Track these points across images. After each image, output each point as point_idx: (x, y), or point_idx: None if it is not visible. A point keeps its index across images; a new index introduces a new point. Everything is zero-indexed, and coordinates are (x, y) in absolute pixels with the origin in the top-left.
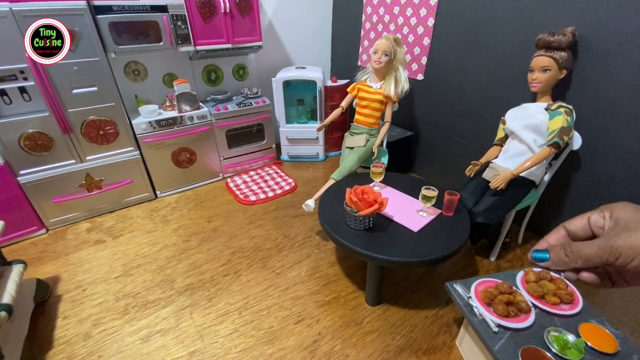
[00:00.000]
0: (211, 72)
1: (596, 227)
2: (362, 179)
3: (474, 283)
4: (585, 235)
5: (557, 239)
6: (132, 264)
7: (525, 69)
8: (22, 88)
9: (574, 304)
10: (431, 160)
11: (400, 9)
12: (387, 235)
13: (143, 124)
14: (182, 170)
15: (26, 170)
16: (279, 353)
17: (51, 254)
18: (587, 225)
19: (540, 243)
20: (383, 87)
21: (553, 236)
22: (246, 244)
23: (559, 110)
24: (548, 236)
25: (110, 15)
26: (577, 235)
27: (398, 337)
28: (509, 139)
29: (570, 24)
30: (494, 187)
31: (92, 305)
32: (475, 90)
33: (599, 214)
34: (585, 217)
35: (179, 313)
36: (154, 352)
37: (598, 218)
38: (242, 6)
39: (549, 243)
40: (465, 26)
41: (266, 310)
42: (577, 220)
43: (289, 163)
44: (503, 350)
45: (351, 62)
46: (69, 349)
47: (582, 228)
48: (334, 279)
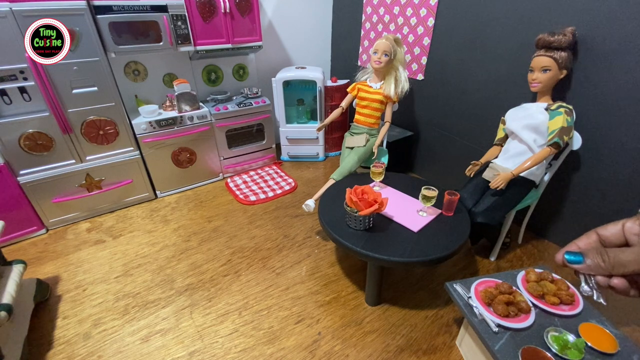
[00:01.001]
0: (211, 72)
1: (630, 234)
2: (362, 179)
3: (474, 283)
4: (618, 241)
5: (587, 243)
6: (132, 264)
7: (525, 69)
8: (22, 88)
9: (574, 304)
10: (431, 160)
11: (400, 9)
12: (387, 235)
13: (143, 124)
14: (182, 170)
15: (26, 170)
16: (279, 353)
17: (51, 254)
18: (620, 231)
19: (570, 246)
20: (383, 87)
21: (584, 240)
22: (246, 244)
23: (559, 110)
24: (578, 240)
25: (110, 15)
26: (609, 241)
27: (398, 337)
28: (509, 139)
29: (570, 24)
30: (494, 187)
31: (92, 305)
32: (475, 90)
33: (635, 221)
34: (620, 223)
35: (179, 313)
36: (154, 352)
37: (633, 225)
38: (242, 6)
39: (579, 247)
40: (465, 26)
41: (266, 310)
42: (611, 227)
43: (289, 163)
44: (503, 350)
45: (351, 62)
46: (69, 349)
47: (616, 234)
48: (334, 279)
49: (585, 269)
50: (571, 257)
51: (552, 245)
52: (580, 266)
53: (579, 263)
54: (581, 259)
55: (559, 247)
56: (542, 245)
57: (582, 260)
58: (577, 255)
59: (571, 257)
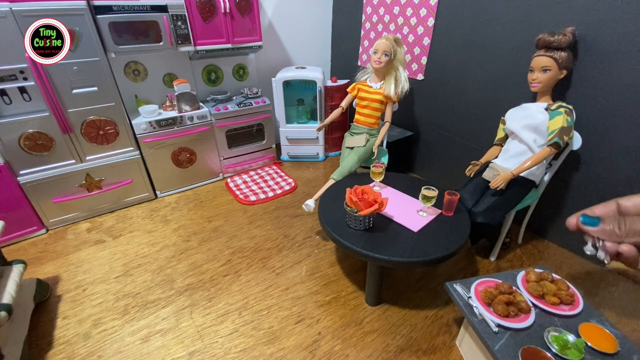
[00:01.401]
0: (211, 72)
1: None
2: (362, 179)
3: (474, 283)
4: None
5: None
6: (132, 264)
7: (525, 69)
8: (22, 88)
9: (574, 305)
10: (431, 160)
11: (400, 9)
12: (387, 235)
13: (143, 124)
14: (182, 170)
15: (26, 170)
16: (279, 353)
17: (51, 254)
18: None
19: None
20: (383, 87)
21: (601, 208)
22: (246, 244)
23: (559, 110)
24: (595, 207)
25: (110, 15)
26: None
27: (398, 337)
28: (509, 139)
29: (570, 24)
30: (494, 187)
31: (92, 305)
32: (475, 90)
33: None
34: None
35: (179, 313)
36: (154, 352)
37: None
38: (242, 6)
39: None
40: (465, 26)
41: (266, 310)
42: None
43: (289, 163)
44: (503, 350)
45: (351, 62)
46: (69, 349)
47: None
48: (334, 279)
49: (599, 233)
50: (587, 220)
51: (552, 245)
52: (594, 229)
53: (593, 226)
54: (597, 223)
55: (559, 247)
56: (542, 245)
57: (598, 224)
58: (593, 219)
59: (587, 220)
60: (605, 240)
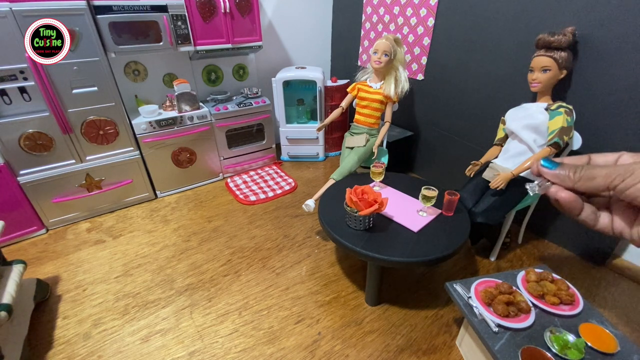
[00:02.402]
0: (211, 72)
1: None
2: (362, 179)
3: (474, 283)
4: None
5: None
6: (132, 264)
7: (525, 69)
8: (22, 88)
9: (574, 305)
10: (431, 160)
11: (400, 9)
12: (387, 235)
13: (143, 124)
14: (182, 170)
15: (26, 170)
16: (279, 353)
17: (51, 254)
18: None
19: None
20: (383, 87)
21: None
22: (246, 244)
23: (559, 110)
24: (567, 157)
25: (110, 15)
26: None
27: (398, 337)
28: (509, 139)
29: (570, 24)
30: (494, 187)
31: (92, 305)
32: (475, 90)
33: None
34: (618, 154)
35: (179, 313)
36: (154, 352)
37: (628, 157)
38: (242, 6)
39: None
40: (465, 26)
41: (266, 310)
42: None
43: (289, 163)
44: (503, 350)
45: (351, 62)
46: (69, 349)
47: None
48: (334, 279)
49: (553, 176)
50: (546, 163)
51: (552, 245)
52: (550, 172)
53: (549, 169)
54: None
55: (559, 247)
56: (542, 245)
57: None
58: (553, 163)
59: (546, 163)
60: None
